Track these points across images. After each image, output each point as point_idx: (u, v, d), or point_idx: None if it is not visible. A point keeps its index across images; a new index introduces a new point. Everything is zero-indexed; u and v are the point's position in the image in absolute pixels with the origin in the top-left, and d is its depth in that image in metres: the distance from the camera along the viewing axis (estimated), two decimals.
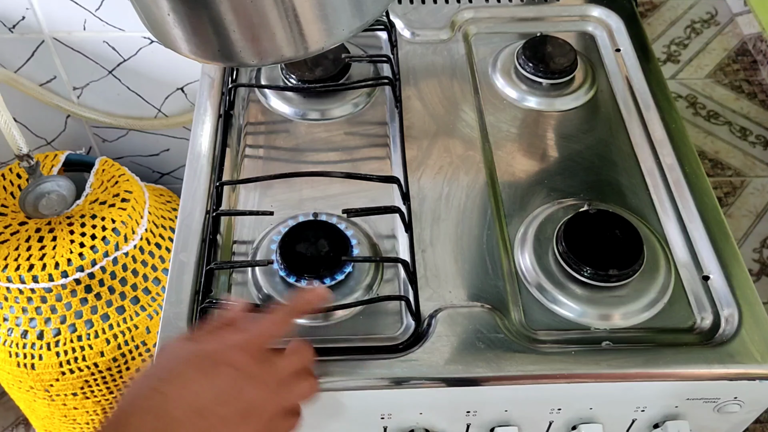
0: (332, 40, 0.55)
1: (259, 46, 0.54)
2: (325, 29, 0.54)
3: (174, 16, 0.52)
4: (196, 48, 0.55)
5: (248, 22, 0.52)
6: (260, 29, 0.52)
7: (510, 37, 0.90)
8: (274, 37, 0.53)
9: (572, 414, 0.63)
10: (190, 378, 0.48)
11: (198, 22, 0.53)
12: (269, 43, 0.53)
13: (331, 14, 0.53)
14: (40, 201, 0.97)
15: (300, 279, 0.64)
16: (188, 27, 0.53)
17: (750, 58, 1.80)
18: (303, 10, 0.52)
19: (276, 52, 0.54)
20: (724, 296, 0.65)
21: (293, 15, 0.52)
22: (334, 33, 0.54)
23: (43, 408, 1.03)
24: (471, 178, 0.74)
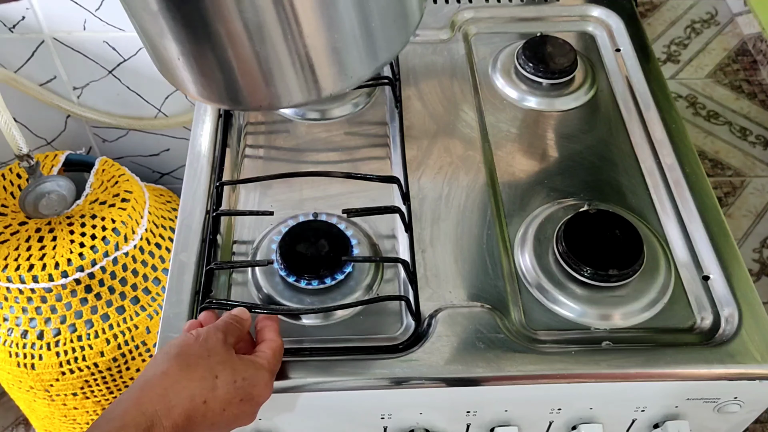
0: (346, 84, 0.53)
1: (270, 92, 0.52)
2: (339, 74, 0.52)
3: (183, 60, 0.51)
4: (204, 91, 0.54)
5: (259, 70, 0.50)
6: (272, 76, 0.51)
7: (510, 37, 0.90)
8: (286, 83, 0.51)
9: (572, 414, 0.63)
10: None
11: (207, 68, 0.51)
12: (281, 90, 0.52)
13: (345, 59, 0.51)
14: (40, 201, 0.97)
15: (300, 279, 0.64)
16: (197, 72, 0.52)
17: (750, 58, 1.80)
18: (317, 58, 0.50)
19: (287, 98, 0.53)
20: (724, 296, 0.65)
21: (307, 63, 0.50)
22: (348, 77, 0.52)
23: (43, 408, 1.03)
24: (471, 178, 0.74)
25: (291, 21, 0.47)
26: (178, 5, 0.46)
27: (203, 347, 0.53)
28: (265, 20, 0.46)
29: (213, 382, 0.51)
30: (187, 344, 0.53)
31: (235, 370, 0.53)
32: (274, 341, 0.58)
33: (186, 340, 0.54)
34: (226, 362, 0.53)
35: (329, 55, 0.50)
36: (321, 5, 0.47)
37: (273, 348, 0.57)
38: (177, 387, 0.50)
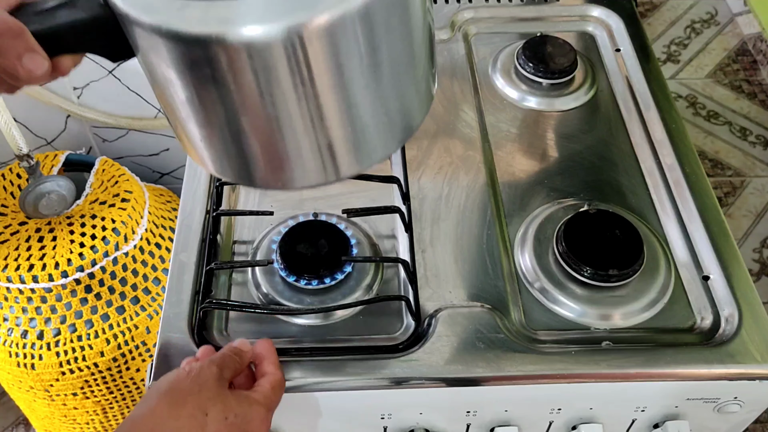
0: (365, 166, 0.53)
1: (288, 176, 0.52)
2: (359, 158, 0.51)
3: (204, 144, 0.51)
4: (222, 171, 0.53)
5: (279, 158, 0.50)
6: (291, 163, 0.50)
7: (510, 37, 0.90)
8: (305, 169, 0.51)
9: (572, 414, 0.63)
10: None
11: (227, 152, 0.51)
12: (299, 174, 0.51)
13: (365, 145, 0.51)
14: (40, 201, 0.97)
15: (300, 279, 0.64)
16: (217, 155, 0.52)
17: (750, 58, 1.80)
18: (338, 147, 0.50)
19: (305, 181, 0.52)
20: (724, 296, 0.64)
21: (327, 151, 0.50)
22: (368, 160, 0.52)
23: (43, 408, 1.03)
24: (471, 178, 0.74)
25: (314, 115, 0.47)
26: (204, 97, 0.46)
27: (194, 382, 0.51)
28: (287, 115, 0.46)
29: (203, 420, 0.50)
30: (178, 379, 0.52)
31: (227, 406, 0.51)
32: (274, 375, 0.56)
33: (178, 375, 0.52)
34: (217, 397, 0.51)
35: (349, 144, 0.50)
36: (344, 99, 0.47)
37: (272, 382, 0.55)
38: (164, 426, 0.48)
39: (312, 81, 0.44)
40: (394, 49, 0.47)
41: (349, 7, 0.42)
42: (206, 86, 0.45)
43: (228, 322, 0.64)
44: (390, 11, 0.44)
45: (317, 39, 0.42)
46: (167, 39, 0.42)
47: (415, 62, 0.50)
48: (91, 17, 0.44)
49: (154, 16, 0.41)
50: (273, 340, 0.62)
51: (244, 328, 0.64)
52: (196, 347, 0.60)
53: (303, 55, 0.42)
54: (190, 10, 0.41)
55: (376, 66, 0.46)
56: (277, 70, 0.43)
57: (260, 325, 0.64)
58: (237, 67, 0.42)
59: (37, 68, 0.44)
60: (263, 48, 0.41)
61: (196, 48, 0.42)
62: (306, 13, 0.41)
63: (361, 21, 0.43)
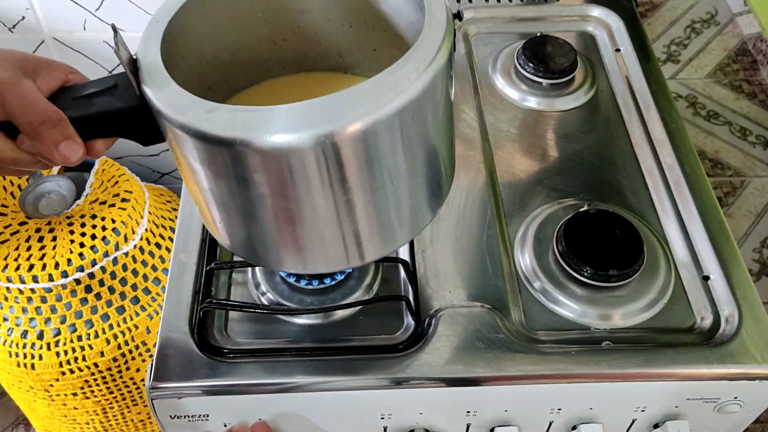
0: (388, 251, 0.54)
1: (309, 263, 0.53)
2: (383, 244, 0.53)
3: (223, 226, 0.52)
4: (240, 252, 0.55)
5: (300, 249, 0.51)
6: (313, 254, 0.52)
7: (510, 37, 0.90)
8: (327, 257, 0.52)
9: (572, 414, 0.63)
10: None
11: (246, 238, 0.52)
12: (320, 261, 0.53)
13: (391, 233, 0.52)
14: (40, 201, 0.97)
15: (300, 279, 0.64)
16: (235, 238, 0.53)
17: (750, 58, 1.80)
18: (364, 237, 0.51)
19: (327, 267, 0.54)
20: (724, 296, 0.65)
21: (354, 241, 0.51)
22: (392, 245, 0.54)
23: (43, 408, 1.03)
24: (471, 178, 0.74)
25: (333, 214, 0.48)
26: (226, 191, 0.48)
27: None
28: (304, 213, 0.48)
29: None
30: None
31: None
32: None
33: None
34: None
35: (374, 235, 0.51)
36: (364, 201, 0.48)
37: None
38: None
39: (332, 185, 0.46)
40: (415, 154, 0.48)
41: (374, 120, 0.43)
42: (228, 181, 0.46)
43: (228, 322, 0.64)
44: (416, 115, 0.45)
45: (340, 148, 0.43)
46: (196, 138, 0.44)
47: (440, 153, 0.51)
48: (126, 107, 0.46)
49: (185, 116, 0.43)
50: (273, 339, 0.63)
51: (244, 328, 0.64)
52: (196, 347, 0.60)
53: (325, 162, 0.44)
54: (218, 114, 0.43)
55: (397, 170, 0.47)
56: (297, 174, 0.44)
57: (260, 325, 0.64)
58: (258, 168, 0.44)
59: (72, 155, 0.46)
60: (285, 154, 0.43)
61: (221, 148, 0.44)
62: (330, 126, 0.42)
63: (385, 130, 0.44)
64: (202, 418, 0.61)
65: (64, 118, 0.45)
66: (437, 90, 0.46)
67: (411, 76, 0.43)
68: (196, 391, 0.59)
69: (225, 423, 0.62)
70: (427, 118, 0.46)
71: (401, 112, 0.43)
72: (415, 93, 0.43)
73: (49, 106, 0.45)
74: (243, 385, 0.59)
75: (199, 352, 0.60)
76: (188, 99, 0.44)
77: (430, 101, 0.46)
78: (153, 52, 0.47)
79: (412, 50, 0.45)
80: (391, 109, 0.43)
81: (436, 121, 0.48)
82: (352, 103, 0.42)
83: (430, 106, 0.46)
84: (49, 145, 0.45)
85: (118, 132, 0.48)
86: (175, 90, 0.45)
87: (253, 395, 0.59)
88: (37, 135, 0.44)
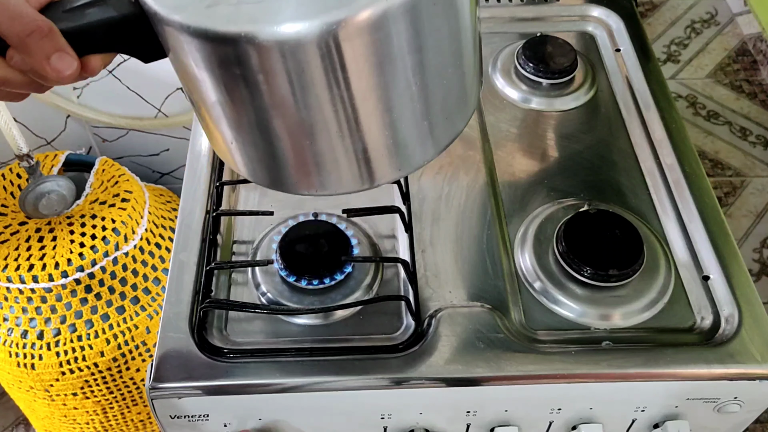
0: (402, 174, 0.50)
1: (322, 181, 0.49)
2: (396, 165, 0.49)
3: (236, 145, 0.49)
4: (253, 174, 0.51)
5: (313, 164, 0.48)
6: (325, 170, 0.48)
7: (510, 37, 0.90)
8: (340, 175, 0.48)
9: (572, 414, 0.63)
10: None
11: (259, 156, 0.49)
12: (333, 180, 0.49)
13: (404, 152, 0.48)
14: (40, 201, 0.97)
15: (300, 279, 0.64)
16: (249, 157, 0.50)
17: (750, 58, 1.80)
18: (374, 153, 0.47)
19: (339, 187, 0.50)
20: (724, 296, 0.64)
21: (363, 158, 0.47)
22: (405, 167, 0.49)
23: (43, 408, 1.03)
24: (471, 178, 0.74)
25: (350, 119, 0.44)
26: (234, 98, 0.44)
27: None
28: (322, 119, 0.44)
29: None
30: None
31: None
32: None
33: None
34: None
35: (387, 150, 0.47)
36: (382, 103, 0.44)
37: None
38: None
39: (348, 83, 0.42)
40: (438, 49, 0.44)
41: (391, 3, 0.39)
42: (237, 87, 0.43)
43: (228, 322, 0.64)
44: (435, 7, 0.41)
45: (356, 38, 0.39)
46: (196, 38, 0.40)
47: (460, 63, 0.47)
48: (121, 15, 0.43)
49: (183, 15, 0.40)
50: (273, 339, 0.63)
51: (244, 328, 0.64)
52: (196, 347, 0.60)
53: (339, 55, 0.40)
54: (219, 8, 0.40)
55: (418, 68, 0.43)
56: (310, 71, 0.41)
57: (260, 325, 0.64)
58: (268, 67, 0.41)
59: (65, 68, 0.43)
60: (296, 47, 0.39)
61: (225, 47, 0.40)
62: (343, 11, 0.38)
63: (403, 18, 0.40)
64: (202, 418, 0.61)
65: (54, 28, 0.42)
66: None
67: None
68: (196, 391, 0.59)
69: (225, 423, 0.61)
70: (448, 9, 0.42)
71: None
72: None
73: (38, 16, 0.42)
74: (243, 385, 0.59)
75: (199, 352, 0.60)
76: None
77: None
78: None
79: None
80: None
81: (460, 10, 0.44)
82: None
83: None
84: (39, 58, 0.42)
85: (114, 46, 0.45)
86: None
87: (253, 395, 0.59)
88: (27, 47, 0.42)
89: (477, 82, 0.51)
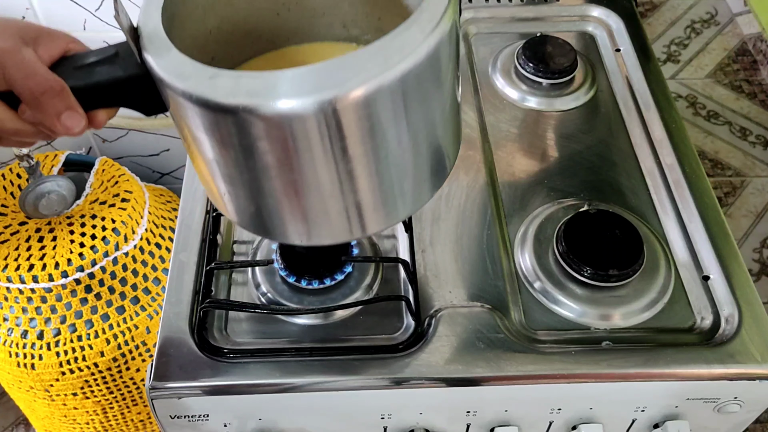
0: (391, 223, 0.53)
1: (313, 233, 0.52)
2: (386, 216, 0.52)
3: (228, 197, 0.51)
4: (244, 224, 0.54)
5: (304, 219, 0.50)
6: (317, 224, 0.51)
7: (510, 37, 0.90)
8: (331, 228, 0.51)
9: (572, 414, 0.63)
10: None
11: (251, 209, 0.51)
12: (324, 231, 0.52)
13: (393, 205, 0.51)
14: (40, 201, 0.97)
15: (300, 279, 0.64)
16: (241, 210, 0.52)
17: (750, 58, 1.80)
18: (366, 209, 0.50)
19: (330, 238, 0.53)
20: (724, 296, 0.65)
21: (355, 213, 0.50)
22: (395, 217, 0.53)
23: (43, 408, 1.03)
24: (471, 178, 0.74)
25: (342, 181, 0.47)
26: (230, 160, 0.47)
27: None
28: (314, 181, 0.46)
29: None
30: None
31: None
32: None
33: None
34: None
35: (377, 205, 0.50)
36: (371, 167, 0.47)
37: None
38: None
39: (339, 150, 0.44)
40: (420, 121, 0.47)
41: (379, 84, 0.42)
42: (232, 150, 0.45)
43: (228, 322, 0.64)
44: (422, 81, 0.44)
45: (346, 113, 0.42)
46: (198, 105, 0.43)
47: (446, 124, 0.50)
48: (128, 76, 0.45)
49: (187, 83, 0.42)
50: (273, 339, 0.63)
51: (244, 328, 0.64)
52: (196, 347, 0.60)
53: (330, 127, 0.42)
54: (221, 80, 0.42)
55: (404, 136, 0.46)
56: (303, 140, 0.43)
57: (260, 325, 0.64)
58: (264, 135, 0.43)
59: (74, 126, 0.45)
60: (291, 120, 0.42)
61: (224, 116, 0.42)
62: (335, 90, 0.41)
63: (391, 96, 0.43)
64: (202, 418, 0.61)
65: (66, 87, 0.44)
66: (443, 55, 0.45)
67: (416, 39, 0.42)
68: (196, 391, 0.59)
69: (225, 423, 0.62)
70: (432, 85, 0.45)
71: (406, 77, 0.42)
72: (420, 57, 0.42)
73: (51, 75, 0.44)
74: (243, 385, 0.59)
75: (199, 352, 0.60)
76: (190, 65, 0.43)
77: (435, 67, 0.44)
78: (154, 20, 0.46)
79: (416, 13, 0.44)
80: (396, 73, 0.42)
81: (441, 89, 0.47)
82: (357, 67, 0.41)
83: (436, 73, 0.45)
84: (50, 115, 0.44)
85: (120, 101, 0.47)
86: (177, 56, 0.44)
87: (253, 395, 0.59)
88: (39, 105, 0.44)
89: (456, 147, 0.55)
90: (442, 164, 0.53)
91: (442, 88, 0.47)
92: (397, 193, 0.50)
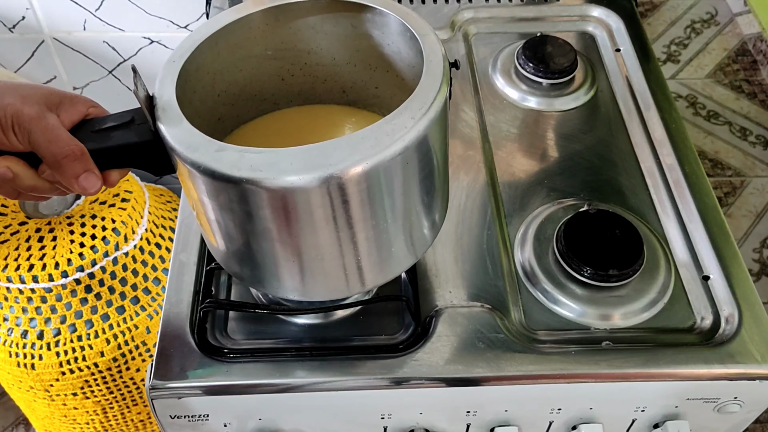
0: (388, 278, 0.58)
1: (310, 292, 0.56)
2: (383, 273, 0.56)
3: (229, 255, 0.55)
4: (242, 278, 0.58)
5: (302, 280, 0.54)
6: (316, 285, 0.55)
7: (510, 37, 0.90)
8: (329, 287, 0.56)
9: (572, 414, 0.63)
10: None
11: (253, 268, 0.55)
12: (321, 290, 0.56)
13: (391, 263, 0.56)
14: (40, 201, 0.97)
15: None
16: (242, 266, 0.56)
17: (750, 58, 1.80)
18: (366, 269, 0.54)
19: (328, 295, 0.57)
20: (724, 296, 0.65)
21: (356, 273, 0.54)
22: (391, 273, 0.57)
23: (43, 408, 1.03)
24: (471, 178, 0.74)
25: (341, 246, 0.51)
26: (232, 224, 0.51)
27: None
28: (314, 244, 0.51)
29: None
30: None
31: None
32: None
33: None
34: None
35: (374, 266, 0.55)
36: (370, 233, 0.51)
37: None
38: None
39: (335, 220, 0.49)
40: (410, 191, 0.51)
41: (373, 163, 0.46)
42: (235, 216, 0.50)
43: (228, 322, 0.64)
44: (410, 160, 0.48)
45: (342, 188, 0.47)
46: (205, 175, 0.47)
47: (436, 190, 0.55)
48: (142, 141, 0.49)
49: (195, 154, 0.47)
50: (273, 339, 0.63)
51: (244, 328, 0.64)
52: (196, 347, 0.60)
53: (329, 201, 0.47)
54: (226, 154, 0.46)
55: (398, 204, 0.51)
56: (302, 211, 0.47)
57: (260, 324, 0.64)
58: (264, 205, 0.47)
59: (91, 187, 0.49)
60: (291, 193, 0.46)
61: (228, 186, 0.47)
62: (332, 168, 0.45)
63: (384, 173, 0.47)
64: (202, 418, 0.61)
65: (86, 151, 0.48)
66: (431, 136, 0.49)
67: (407, 124, 0.47)
68: (196, 391, 0.59)
69: (225, 423, 0.62)
70: (422, 162, 0.50)
71: (397, 157, 0.47)
72: (410, 140, 0.47)
73: (72, 141, 0.47)
74: (243, 385, 0.59)
75: (199, 352, 0.60)
76: (199, 138, 0.47)
77: (424, 147, 0.49)
78: (168, 92, 0.50)
79: (409, 100, 0.48)
80: (387, 155, 0.46)
81: (431, 163, 0.51)
82: (352, 148, 0.46)
83: (425, 151, 0.49)
84: (69, 176, 0.48)
85: (132, 163, 0.51)
86: (188, 128, 0.48)
87: (253, 395, 0.59)
88: (59, 167, 0.47)
89: (445, 206, 0.60)
90: (433, 223, 0.57)
91: (431, 161, 0.51)
92: (394, 252, 0.54)
